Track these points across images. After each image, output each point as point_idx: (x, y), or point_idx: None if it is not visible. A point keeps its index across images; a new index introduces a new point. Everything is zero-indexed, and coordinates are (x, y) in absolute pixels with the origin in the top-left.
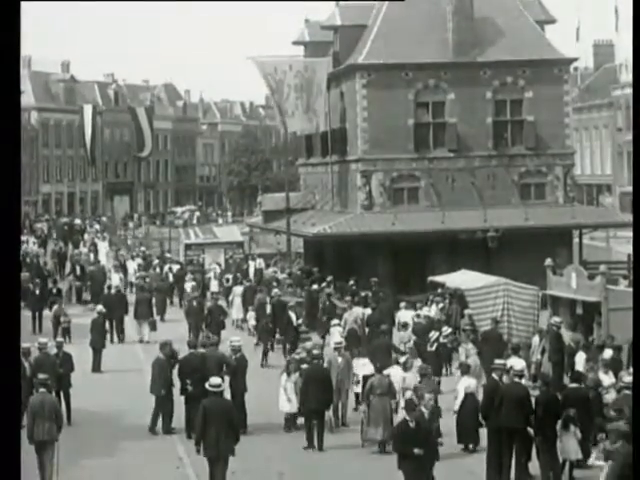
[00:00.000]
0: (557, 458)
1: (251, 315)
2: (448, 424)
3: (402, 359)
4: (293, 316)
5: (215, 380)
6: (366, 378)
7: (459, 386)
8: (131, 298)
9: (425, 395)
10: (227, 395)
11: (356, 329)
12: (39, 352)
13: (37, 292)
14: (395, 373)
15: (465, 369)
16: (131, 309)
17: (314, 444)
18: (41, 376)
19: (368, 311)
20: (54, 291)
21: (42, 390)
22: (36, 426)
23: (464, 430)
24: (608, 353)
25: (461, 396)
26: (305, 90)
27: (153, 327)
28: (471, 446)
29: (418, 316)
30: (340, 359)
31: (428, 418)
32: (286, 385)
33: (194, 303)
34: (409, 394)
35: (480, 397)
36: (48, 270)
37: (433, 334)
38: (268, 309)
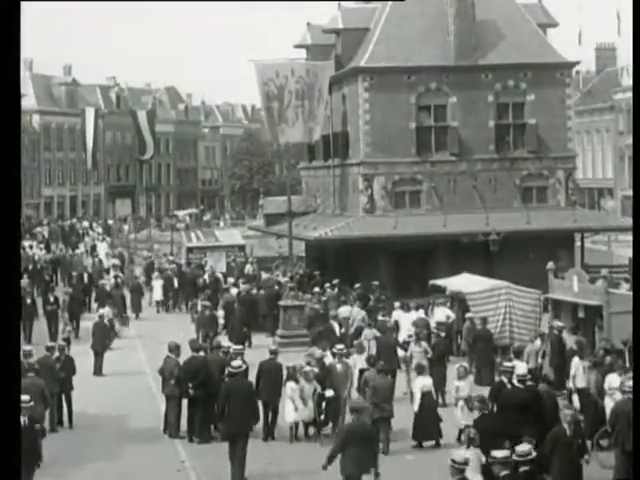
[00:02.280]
0: None
1: (220, 314)
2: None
3: (456, 365)
4: (336, 326)
5: (236, 362)
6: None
7: (415, 386)
8: None
9: (566, 411)
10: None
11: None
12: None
13: (28, 301)
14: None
15: (420, 370)
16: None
17: (264, 435)
18: (30, 360)
19: (359, 311)
20: (51, 299)
21: (30, 374)
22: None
23: (423, 428)
24: (575, 362)
25: (418, 395)
26: (307, 96)
27: (124, 323)
28: (434, 442)
29: (383, 315)
30: (339, 366)
31: (570, 434)
32: (292, 394)
33: (205, 312)
34: (461, 404)
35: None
36: (50, 275)
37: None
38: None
